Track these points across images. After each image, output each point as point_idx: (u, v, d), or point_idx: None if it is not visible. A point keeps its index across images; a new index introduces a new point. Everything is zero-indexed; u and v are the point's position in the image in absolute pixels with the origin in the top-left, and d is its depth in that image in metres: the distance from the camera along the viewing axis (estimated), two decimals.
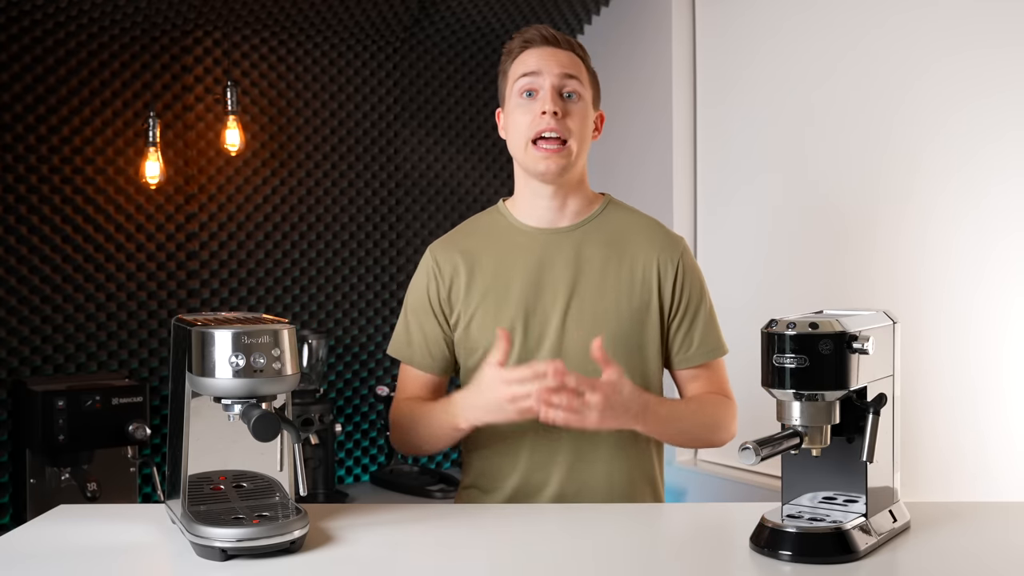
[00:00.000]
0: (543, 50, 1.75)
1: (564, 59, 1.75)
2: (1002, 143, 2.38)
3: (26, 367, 2.81)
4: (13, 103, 2.80)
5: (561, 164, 1.72)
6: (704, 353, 1.81)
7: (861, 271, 2.71)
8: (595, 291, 1.76)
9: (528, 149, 1.73)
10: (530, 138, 1.72)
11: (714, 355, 1.82)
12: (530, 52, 1.76)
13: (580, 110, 1.74)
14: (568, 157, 1.73)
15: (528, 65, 1.74)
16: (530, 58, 1.75)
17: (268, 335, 1.36)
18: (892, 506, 1.47)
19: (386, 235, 3.43)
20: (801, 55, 2.87)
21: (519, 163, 1.78)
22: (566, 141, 1.72)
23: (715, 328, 1.83)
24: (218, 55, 3.11)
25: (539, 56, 1.74)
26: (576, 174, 1.78)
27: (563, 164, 1.73)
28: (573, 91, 1.74)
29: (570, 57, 1.76)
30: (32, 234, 2.83)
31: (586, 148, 1.78)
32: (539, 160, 1.72)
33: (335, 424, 3.02)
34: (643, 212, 1.89)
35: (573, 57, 1.76)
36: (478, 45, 3.54)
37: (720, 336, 1.84)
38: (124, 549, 1.42)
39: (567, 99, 1.73)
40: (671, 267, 1.79)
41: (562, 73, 1.73)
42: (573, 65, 1.75)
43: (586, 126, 1.76)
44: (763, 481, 2.86)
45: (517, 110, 1.75)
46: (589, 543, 1.44)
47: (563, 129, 1.71)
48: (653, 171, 3.26)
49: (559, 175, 1.74)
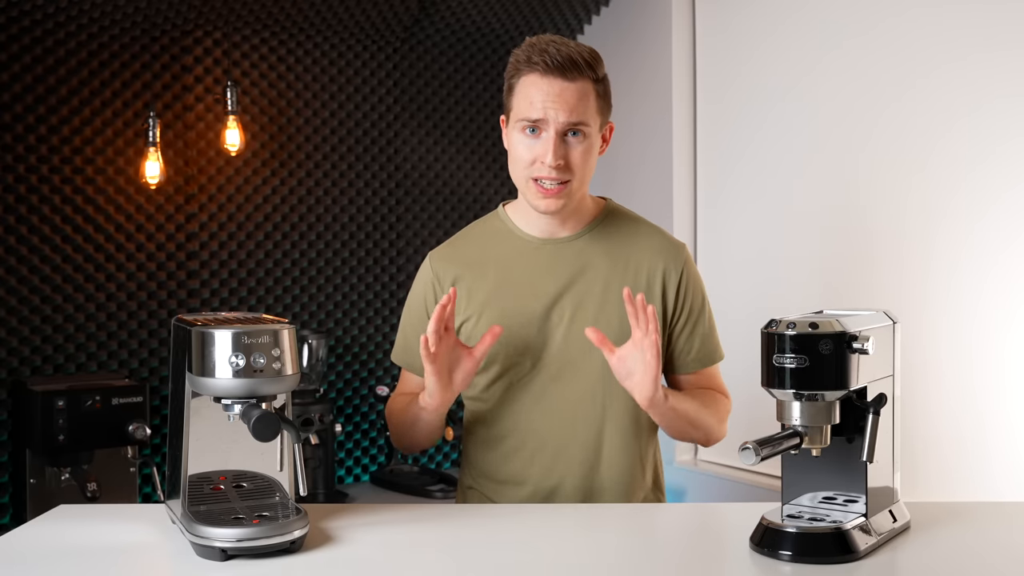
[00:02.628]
0: (552, 86, 1.65)
1: (571, 97, 1.65)
2: (1008, 147, 2.37)
3: (26, 367, 2.81)
4: (13, 103, 2.81)
5: (560, 203, 1.70)
6: (703, 358, 1.81)
7: (861, 271, 2.71)
8: (599, 299, 1.75)
9: (528, 184, 1.70)
10: (531, 176, 1.69)
11: (712, 360, 1.83)
12: (537, 85, 1.66)
13: (584, 148, 1.69)
14: (568, 197, 1.70)
15: (534, 109, 1.66)
16: (536, 97, 1.66)
17: (268, 335, 1.36)
18: (892, 506, 1.47)
19: (386, 235, 3.43)
20: (801, 55, 2.87)
21: (519, 190, 1.76)
22: (567, 182, 1.69)
23: (714, 334, 1.83)
24: (218, 55, 3.11)
25: (545, 97, 1.65)
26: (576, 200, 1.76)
27: (562, 203, 1.70)
28: (578, 130, 1.68)
29: (579, 91, 1.66)
30: (32, 234, 2.83)
31: (589, 178, 1.74)
32: (539, 199, 1.70)
33: (335, 424, 3.02)
34: (643, 218, 1.87)
35: (581, 87, 1.66)
36: (478, 45, 3.54)
37: (718, 342, 1.85)
38: (124, 549, 1.42)
39: (571, 138, 1.68)
40: (675, 274, 1.79)
41: (567, 122, 1.66)
42: (580, 101, 1.66)
43: (589, 160, 1.71)
44: (763, 481, 2.86)
45: (519, 141, 1.70)
46: (589, 543, 1.44)
47: (563, 172, 1.67)
48: (653, 171, 3.26)
49: (558, 211, 1.72)
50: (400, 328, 1.89)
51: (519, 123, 1.69)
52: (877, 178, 2.66)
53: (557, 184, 1.68)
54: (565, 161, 1.67)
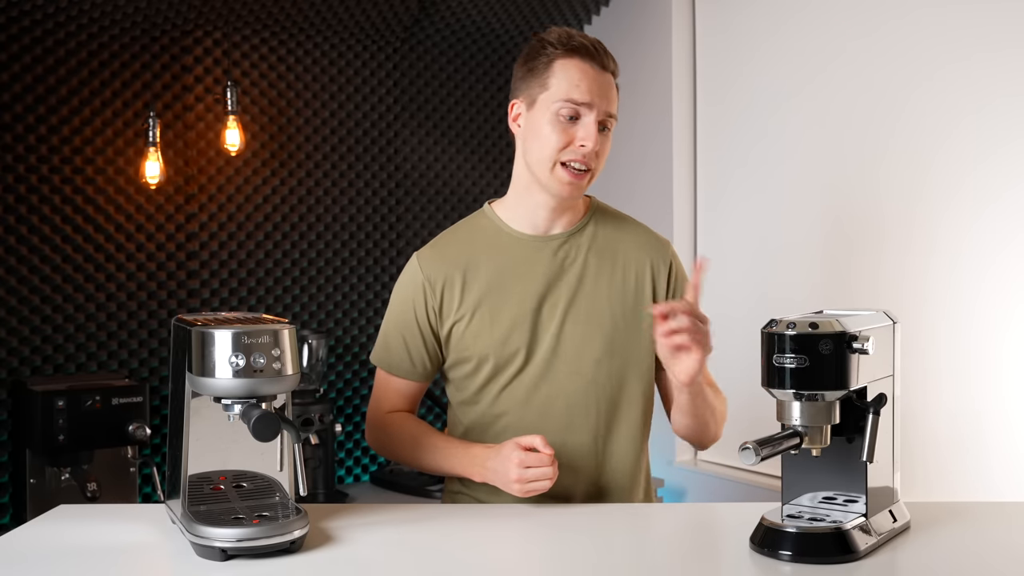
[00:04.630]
0: (595, 74, 1.69)
1: (609, 90, 1.71)
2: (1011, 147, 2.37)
3: (26, 367, 2.81)
4: (13, 103, 2.80)
5: (581, 190, 1.73)
6: None
7: (861, 271, 2.71)
8: (590, 297, 1.76)
9: (555, 169, 1.70)
10: (559, 160, 1.70)
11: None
12: (581, 70, 1.68)
13: (608, 142, 1.73)
14: (588, 182, 1.73)
15: (580, 92, 1.67)
16: (582, 81, 1.68)
17: (268, 335, 1.36)
18: (892, 506, 1.47)
19: (386, 235, 3.43)
20: (802, 55, 2.87)
21: (536, 175, 1.73)
22: (592, 169, 1.72)
23: None
24: (218, 55, 3.11)
25: (591, 83, 1.68)
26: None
27: (583, 189, 1.74)
28: (608, 124, 1.72)
29: (611, 84, 1.72)
30: (32, 234, 2.83)
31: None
32: (564, 184, 1.70)
33: (335, 424, 3.02)
34: (627, 215, 1.89)
35: (612, 82, 1.72)
36: (478, 45, 3.54)
37: None
38: (124, 549, 1.42)
39: (602, 130, 1.71)
40: (664, 270, 1.80)
41: (608, 112, 1.70)
42: (613, 93, 1.72)
43: (607, 151, 1.75)
44: (763, 481, 2.86)
45: (552, 128, 1.69)
46: (589, 542, 1.44)
47: (592, 161, 1.70)
48: (653, 171, 3.26)
49: (574, 200, 1.75)
50: (383, 329, 1.85)
51: (557, 104, 1.68)
52: (877, 179, 2.66)
53: (584, 169, 1.70)
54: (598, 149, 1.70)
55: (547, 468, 1.59)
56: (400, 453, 1.83)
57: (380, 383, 1.87)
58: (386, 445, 1.85)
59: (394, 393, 1.85)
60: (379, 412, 1.87)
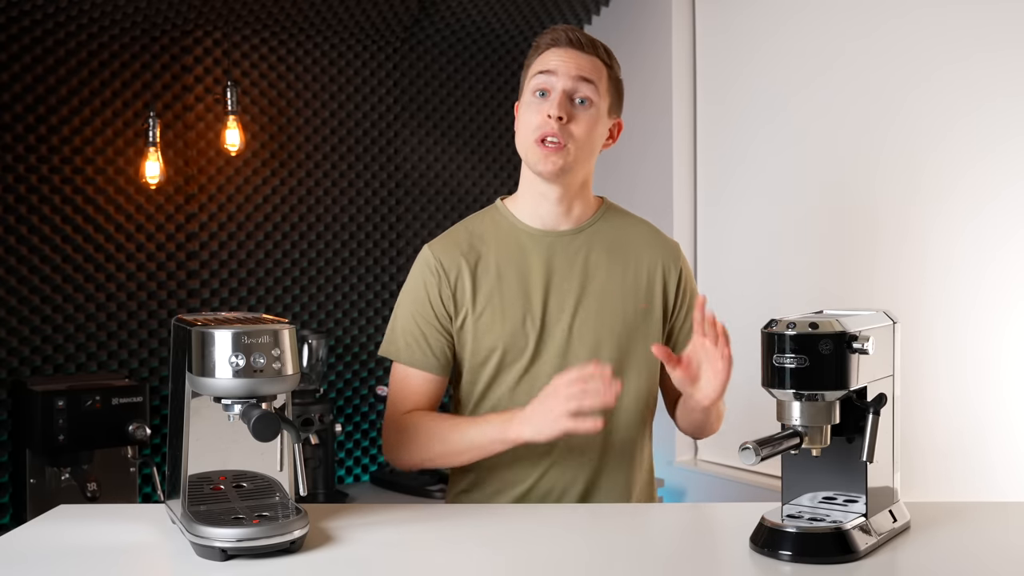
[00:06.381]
0: (565, 51, 1.73)
1: (584, 63, 1.72)
2: (1008, 146, 2.37)
3: (26, 367, 2.81)
4: (13, 103, 2.80)
5: (558, 164, 1.70)
6: None
7: (861, 271, 2.71)
8: (600, 294, 1.76)
9: (533, 147, 1.72)
10: (535, 138, 1.71)
11: None
12: (553, 51, 1.73)
13: (589, 117, 1.72)
14: (565, 158, 1.70)
15: (546, 63, 1.73)
16: (551, 57, 1.73)
17: (268, 335, 1.36)
18: (892, 506, 1.47)
19: (386, 235, 3.43)
20: (801, 55, 2.87)
21: (525, 160, 1.77)
22: (566, 144, 1.71)
23: None
24: (218, 55, 3.11)
25: (559, 57, 1.72)
26: (578, 178, 1.77)
27: (560, 164, 1.71)
28: (586, 97, 1.71)
29: (591, 62, 1.73)
30: (32, 234, 2.83)
31: (589, 155, 1.75)
32: (539, 159, 1.72)
33: (335, 424, 3.02)
34: (637, 215, 1.89)
35: (595, 62, 1.74)
36: (478, 45, 3.54)
37: None
38: (124, 549, 1.42)
39: (578, 104, 1.71)
40: (674, 270, 1.82)
41: (577, 76, 1.70)
42: (593, 70, 1.73)
43: (593, 134, 1.73)
44: (763, 481, 2.86)
45: (528, 107, 1.74)
46: (589, 543, 1.44)
47: (564, 134, 1.69)
48: (653, 171, 3.26)
49: (556, 175, 1.72)
50: (395, 323, 1.80)
51: (530, 88, 1.73)
52: (876, 178, 2.66)
53: (557, 142, 1.70)
54: (568, 118, 1.70)
55: (597, 384, 1.55)
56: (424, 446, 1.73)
57: (397, 383, 1.80)
58: (405, 444, 1.75)
59: (413, 391, 1.78)
60: (396, 414, 1.78)
